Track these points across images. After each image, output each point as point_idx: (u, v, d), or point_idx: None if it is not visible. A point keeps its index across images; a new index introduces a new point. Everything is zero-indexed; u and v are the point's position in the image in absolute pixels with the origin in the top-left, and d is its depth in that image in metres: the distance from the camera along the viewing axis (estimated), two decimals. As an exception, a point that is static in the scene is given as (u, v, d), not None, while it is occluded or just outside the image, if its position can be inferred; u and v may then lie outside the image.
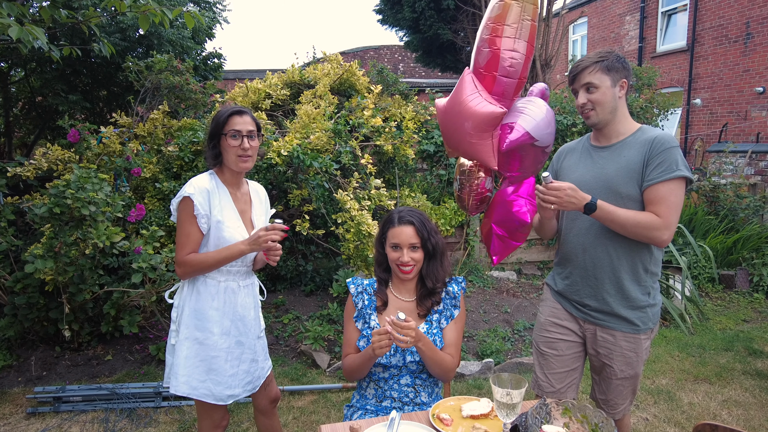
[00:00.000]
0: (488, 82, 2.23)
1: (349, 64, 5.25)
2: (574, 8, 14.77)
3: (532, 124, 2.19)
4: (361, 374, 1.96)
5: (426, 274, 2.01)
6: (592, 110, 2.00)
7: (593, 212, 1.90)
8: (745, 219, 6.54)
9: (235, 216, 2.10)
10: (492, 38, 2.19)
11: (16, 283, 3.64)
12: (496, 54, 2.17)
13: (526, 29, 2.19)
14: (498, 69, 2.19)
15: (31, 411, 3.28)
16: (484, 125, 2.17)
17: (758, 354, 4.17)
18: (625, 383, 2.11)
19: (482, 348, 4.10)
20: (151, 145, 4.52)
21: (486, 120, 2.16)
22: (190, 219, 2.00)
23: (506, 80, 2.20)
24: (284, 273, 4.98)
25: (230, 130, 2.03)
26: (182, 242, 2.01)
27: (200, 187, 2.01)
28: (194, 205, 1.98)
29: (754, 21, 9.94)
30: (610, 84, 1.97)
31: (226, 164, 2.09)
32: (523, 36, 2.18)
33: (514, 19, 2.17)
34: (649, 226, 1.88)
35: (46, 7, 3.44)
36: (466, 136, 2.22)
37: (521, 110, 2.26)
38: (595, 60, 1.97)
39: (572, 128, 5.87)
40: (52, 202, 3.22)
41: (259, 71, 11.01)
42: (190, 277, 2.07)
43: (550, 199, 1.89)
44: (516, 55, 2.17)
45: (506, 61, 2.17)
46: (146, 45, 6.30)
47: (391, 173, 4.99)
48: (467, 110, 2.18)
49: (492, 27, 2.21)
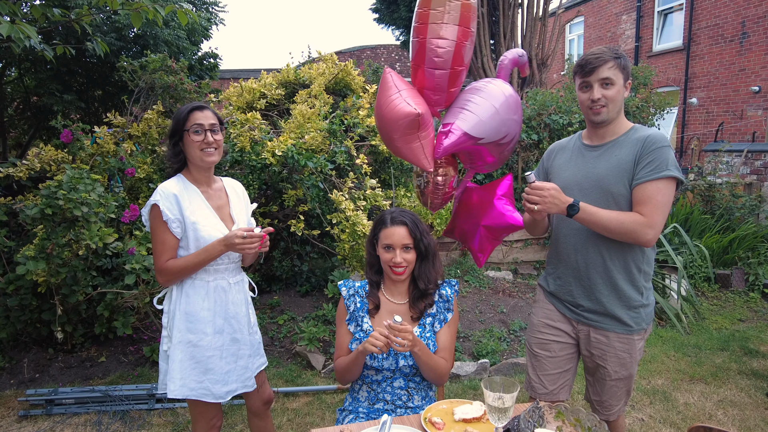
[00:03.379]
0: (420, 77, 2.08)
1: (344, 63, 5.23)
2: (571, 7, 14.78)
3: (472, 123, 2.03)
4: (353, 375, 1.94)
5: (418, 276, 2.00)
6: (604, 107, 1.94)
7: (576, 214, 1.88)
8: (741, 218, 6.55)
9: (211, 214, 2.08)
10: (419, 26, 2.01)
11: (8, 284, 3.61)
12: (422, 44, 2.00)
13: (455, 11, 1.98)
14: (425, 61, 2.02)
15: (23, 414, 3.26)
16: (403, 128, 2.00)
17: (754, 354, 4.16)
18: (620, 384, 2.10)
19: (478, 348, 4.09)
20: (145, 146, 4.49)
21: (402, 122, 1.98)
22: (161, 226, 1.98)
23: (437, 72, 2.02)
24: (279, 273, 4.96)
25: (192, 125, 2.00)
26: (159, 250, 2.00)
27: (166, 193, 1.99)
28: (162, 211, 1.96)
29: (750, 20, 9.96)
30: (622, 82, 1.94)
31: (192, 161, 2.07)
32: (452, 20, 1.98)
33: (439, 2, 1.97)
34: (632, 227, 1.86)
35: (38, 5, 3.41)
36: (391, 140, 2.08)
37: (463, 106, 2.09)
38: (612, 56, 1.91)
39: (568, 128, 5.86)
40: (44, 203, 3.19)
41: (254, 70, 10.98)
42: (173, 284, 2.06)
43: (534, 200, 1.87)
44: (443, 43, 1.98)
45: (432, 51, 1.98)
46: (141, 45, 6.28)
47: (387, 173, 4.97)
48: (386, 113, 2.03)
49: (419, 14, 2.02)
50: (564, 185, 1.95)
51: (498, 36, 8.67)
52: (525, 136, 5.79)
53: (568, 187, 1.97)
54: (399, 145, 2.07)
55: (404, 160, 2.29)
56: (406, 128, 2.00)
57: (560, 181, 2.01)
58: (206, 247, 2.00)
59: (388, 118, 2.02)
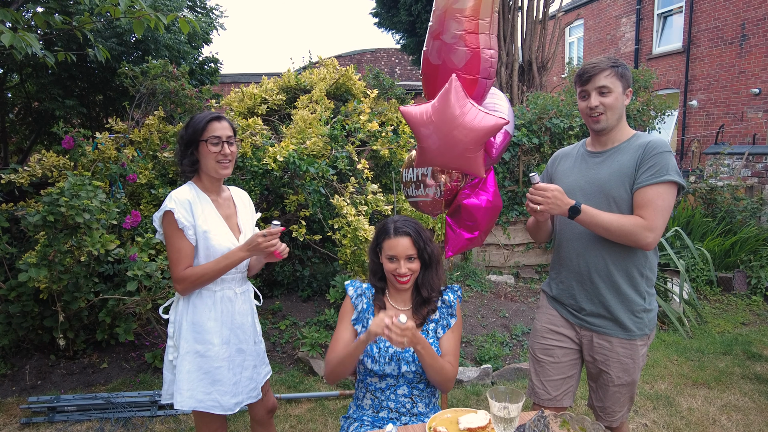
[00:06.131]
0: (466, 86, 2.06)
1: (345, 68, 5.24)
2: (570, 10, 14.81)
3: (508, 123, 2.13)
4: (345, 369, 1.86)
5: (421, 283, 2.00)
6: (603, 114, 1.98)
7: (578, 216, 1.90)
8: (743, 221, 6.55)
9: (221, 223, 2.07)
10: (468, 35, 1.97)
11: (10, 291, 3.60)
12: (477, 53, 1.98)
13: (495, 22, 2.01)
14: (480, 71, 2.02)
15: (25, 421, 3.25)
16: (485, 138, 2.02)
17: (757, 358, 4.15)
18: (623, 390, 2.09)
19: (480, 353, 4.08)
20: (146, 151, 4.50)
21: (489, 133, 2.01)
22: (177, 233, 1.96)
23: (488, 81, 2.05)
24: (281, 278, 4.96)
25: (210, 137, 1.99)
26: (176, 259, 1.97)
27: (181, 200, 1.98)
28: (177, 219, 1.94)
29: (749, 22, 9.97)
30: (621, 90, 1.98)
31: (205, 171, 2.06)
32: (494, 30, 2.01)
33: (486, 12, 1.96)
34: (632, 229, 1.88)
35: (40, 13, 3.42)
36: (464, 151, 2.05)
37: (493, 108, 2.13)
38: (609, 65, 1.96)
39: (569, 131, 5.86)
40: (46, 209, 3.19)
41: (255, 75, 11.00)
42: (191, 293, 2.02)
43: (537, 200, 1.90)
44: (493, 53, 2.01)
45: (486, 61, 2.00)
46: (142, 50, 6.29)
47: (388, 178, 4.96)
48: (466, 124, 2.00)
49: (467, 22, 1.98)
50: (567, 189, 1.98)
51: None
52: (526, 140, 5.79)
53: (571, 191, 2.00)
54: (471, 155, 2.03)
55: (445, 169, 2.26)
56: (488, 138, 2.00)
57: (563, 185, 2.03)
58: (227, 255, 1.98)
59: (470, 129, 1.98)
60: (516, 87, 8.43)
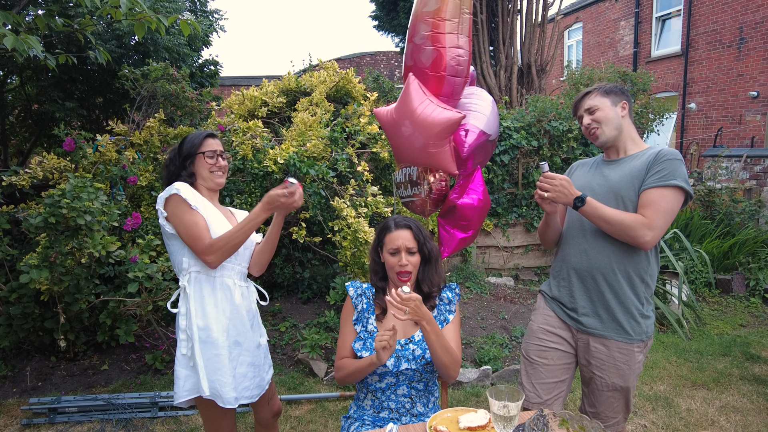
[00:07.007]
0: (435, 84, 2.12)
1: (345, 71, 5.26)
2: (569, 13, 14.85)
3: (484, 121, 2.16)
4: (355, 380, 1.93)
5: (422, 279, 2.03)
6: (597, 128, 2.11)
7: (582, 207, 1.97)
8: (741, 223, 6.57)
9: (221, 216, 2.10)
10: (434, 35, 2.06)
11: (11, 292, 3.62)
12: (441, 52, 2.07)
13: (466, 23, 2.09)
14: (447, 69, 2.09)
15: (26, 422, 3.26)
16: (443, 133, 2.07)
17: (755, 359, 4.17)
18: (616, 395, 2.10)
19: (480, 355, 4.09)
20: (147, 153, 4.51)
21: (445, 128, 2.06)
22: (188, 210, 1.98)
23: (457, 80, 2.11)
24: (281, 280, 4.97)
25: (207, 150, 2.13)
26: (195, 233, 1.96)
27: (185, 186, 2.03)
28: (184, 198, 1.97)
29: (747, 26, 10.02)
30: (610, 104, 2.10)
31: (201, 182, 2.15)
32: (464, 31, 2.09)
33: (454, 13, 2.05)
34: (632, 224, 1.93)
35: (42, 15, 3.44)
36: (424, 147, 2.11)
37: (468, 107, 2.19)
38: (594, 88, 2.14)
39: (568, 134, 5.89)
40: (48, 211, 3.20)
41: (255, 78, 11.02)
42: (222, 261, 2.02)
43: (545, 187, 1.98)
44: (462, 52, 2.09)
45: (453, 59, 2.07)
46: (143, 52, 6.30)
47: (388, 180, 4.98)
48: (424, 119, 2.07)
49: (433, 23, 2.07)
50: (579, 188, 2.06)
51: (497, 42, 8.68)
52: (525, 143, 5.81)
53: (582, 190, 2.06)
54: (433, 151, 2.11)
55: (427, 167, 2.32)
56: (445, 133, 2.08)
57: (576, 185, 2.09)
58: (248, 216, 2.02)
59: (426, 124, 2.07)
60: (515, 90, 8.45)
